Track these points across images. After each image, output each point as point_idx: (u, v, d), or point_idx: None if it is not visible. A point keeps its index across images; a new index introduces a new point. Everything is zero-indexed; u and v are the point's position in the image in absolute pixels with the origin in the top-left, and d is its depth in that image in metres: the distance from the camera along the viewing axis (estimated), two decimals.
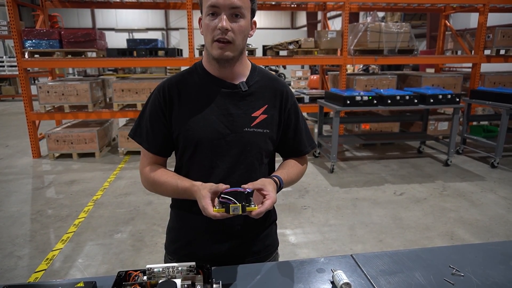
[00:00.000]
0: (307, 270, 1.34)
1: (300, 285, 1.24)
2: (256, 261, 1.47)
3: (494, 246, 1.49)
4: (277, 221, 1.63)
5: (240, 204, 1.14)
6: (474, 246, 1.52)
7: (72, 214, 4.26)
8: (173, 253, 1.53)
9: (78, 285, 1.23)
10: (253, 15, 1.34)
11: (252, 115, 1.38)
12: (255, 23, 1.37)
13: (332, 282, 1.25)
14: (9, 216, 4.19)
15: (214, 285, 1.13)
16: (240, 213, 1.14)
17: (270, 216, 1.55)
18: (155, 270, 1.17)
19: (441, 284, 1.24)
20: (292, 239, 3.72)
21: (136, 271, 1.20)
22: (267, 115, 1.40)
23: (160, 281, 1.13)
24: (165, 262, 1.56)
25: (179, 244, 1.52)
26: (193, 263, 1.19)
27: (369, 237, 3.75)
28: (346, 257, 1.42)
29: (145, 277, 1.17)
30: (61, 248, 3.51)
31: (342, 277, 1.21)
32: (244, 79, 1.40)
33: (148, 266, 1.17)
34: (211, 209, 1.15)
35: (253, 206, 1.16)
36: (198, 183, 1.26)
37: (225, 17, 1.23)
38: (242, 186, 1.20)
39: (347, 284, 1.19)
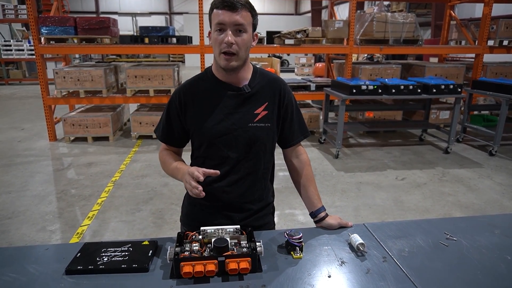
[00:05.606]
0: (328, 234, 1.64)
1: (324, 247, 1.55)
2: None
3: (483, 218, 1.79)
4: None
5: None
6: (466, 219, 1.82)
7: (94, 194, 4.57)
8: (186, 224, 1.84)
9: (144, 243, 1.54)
10: (254, 29, 1.60)
11: (255, 112, 1.66)
12: (256, 35, 1.63)
13: (349, 243, 1.55)
14: (36, 194, 4.51)
15: (257, 243, 1.42)
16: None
17: (268, 198, 1.85)
18: (208, 231, 1.47)
19: (437, 245, 1.54)
20: (301, 218, 4.02)
21: (192, 231, 1.50)
22: (268, 111, 1.68)
23: (214, 239, 1.42)
24: None
25: (191, 217, 1.83)
26: (238, 226, 1.50)
27: (372, 218, 4.05)
28: (359, 226, 1.73)
29: (200, 236, 1.47)
30: (89, 224, 3.83)
31: (357, 238, 1.51)
32: (247, 82, 1.67)
33: (202, 228, 1.47)
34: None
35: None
36: (186, 173, 1.54)
37: (230, 32, 1.49)
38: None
39: (362, 244, 1.49)
